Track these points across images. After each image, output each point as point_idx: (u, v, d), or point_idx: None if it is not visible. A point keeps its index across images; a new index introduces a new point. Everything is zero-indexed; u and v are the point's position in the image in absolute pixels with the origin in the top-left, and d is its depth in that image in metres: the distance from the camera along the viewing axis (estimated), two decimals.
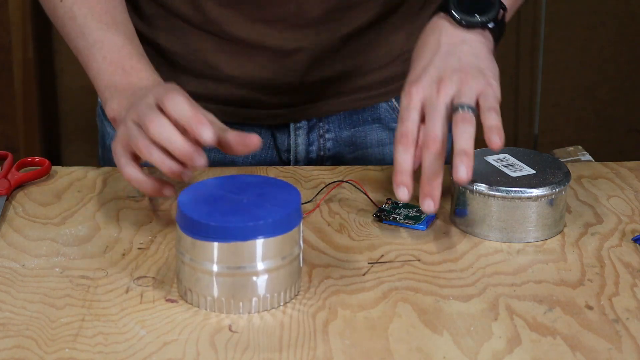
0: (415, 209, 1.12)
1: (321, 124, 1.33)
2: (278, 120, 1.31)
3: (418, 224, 1.10)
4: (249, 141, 1.01)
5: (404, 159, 1.05)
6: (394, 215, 1.10)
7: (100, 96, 1.13)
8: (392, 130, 1.34)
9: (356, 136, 1.34)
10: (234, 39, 1.24)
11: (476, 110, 1.05)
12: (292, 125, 1.32)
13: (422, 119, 1.07)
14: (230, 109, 1.28)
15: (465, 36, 1.11)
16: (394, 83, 1.32)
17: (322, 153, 1.33)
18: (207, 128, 0.97)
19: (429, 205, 1.04)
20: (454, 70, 1.08)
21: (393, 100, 1.34)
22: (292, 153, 1.33)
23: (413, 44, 1.32)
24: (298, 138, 1.32)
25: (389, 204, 1.13)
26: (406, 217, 1.10)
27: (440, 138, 1.04)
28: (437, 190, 1.04)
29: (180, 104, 0.99)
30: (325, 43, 1.26)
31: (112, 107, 1.10)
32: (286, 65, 1.26)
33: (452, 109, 1.06)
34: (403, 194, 1.04)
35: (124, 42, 1.14)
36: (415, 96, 1.07)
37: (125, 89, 1.10)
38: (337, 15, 1.25)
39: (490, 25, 1.12)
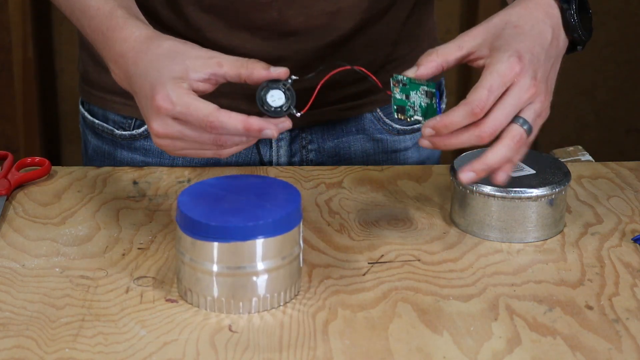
0: (424, 91, 1.02)
1: (304, 134, 1.30)
2: None
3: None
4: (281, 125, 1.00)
5: (460, 121, 0.97)
6: (416, 117, 1.02)
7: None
8: (377, 141, 1.33)
9: (340, 147, 1.32)
10: (215, 46, 1.20)
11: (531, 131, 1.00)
12: None
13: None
14: None
15: (562, 49, 1.05)
16: (380, 93, 1.31)
17: (304, 165, 1.32)
18: (268, 130, 0.98)
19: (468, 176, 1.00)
20: (544, 80, 1.01)
21: (378, 110, 1.32)
22: (274, 165, 1.31)
23: (399, 53, 1.31)
24: (280, 149, 1.30)
25: (397, 86, 1.04)
26: (421, 107, 1.02)
27: (496, 134, 0.98)
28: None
29: (226, 127, 0.98)
30: (308, 52, 1.24)
31: (115, 79, 1.07)
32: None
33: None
34: (429, 132, 0.99)
35: (99, 3, 1.09)
36: (513, 73, 0.97)
37: (111, 58, 1.06)
38: (320, 23, 1.23)
39: (579, 48, 1.07)
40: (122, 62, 1.04)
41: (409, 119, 1.04)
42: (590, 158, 1.30)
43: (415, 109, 1.03)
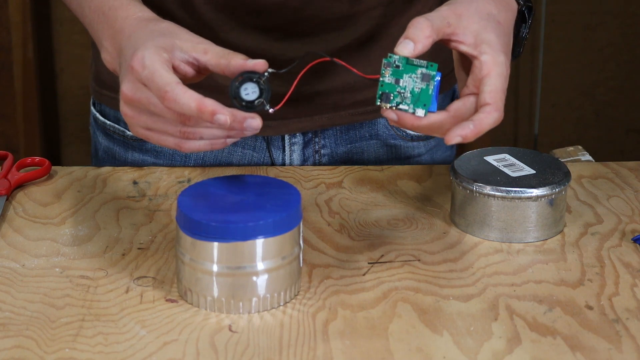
0: (420, 73, 0.97)
1: (317, 139, 1.30)
2: (272, 132, 1.28)
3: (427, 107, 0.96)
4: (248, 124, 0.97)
5: (491, 126, 0.96)
6: (402, 107, 0.96)
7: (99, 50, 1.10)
8: (390, 146, 1.32)
9: (352, 152, 1.32)
10: (227, 45, 1.19)
11: None
12: (287, 140, 1.29)
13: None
14: None
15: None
16: None
17: None
18: (221, 115, 0.94)
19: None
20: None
21: None
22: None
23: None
24: (293, 154, 1.30)
25: (388, 68, 0.98)
26: (412, 93, 0.97)
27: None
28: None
29: (179, 102, 0.95)
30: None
31: (106, 58, 1.07)
32: (281, 76, 1.24)
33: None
34: (458, 140, 0.96)
35: None
36: (497, 80, 0.98)
37: (108, 36, 1.06)
38: (335, 26, 1.23)
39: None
40: (118, 38, 1.04)
41: (392, 107, 0.96)
42: (590, 158, 1.30)
43: (405, 95, 0.97)
